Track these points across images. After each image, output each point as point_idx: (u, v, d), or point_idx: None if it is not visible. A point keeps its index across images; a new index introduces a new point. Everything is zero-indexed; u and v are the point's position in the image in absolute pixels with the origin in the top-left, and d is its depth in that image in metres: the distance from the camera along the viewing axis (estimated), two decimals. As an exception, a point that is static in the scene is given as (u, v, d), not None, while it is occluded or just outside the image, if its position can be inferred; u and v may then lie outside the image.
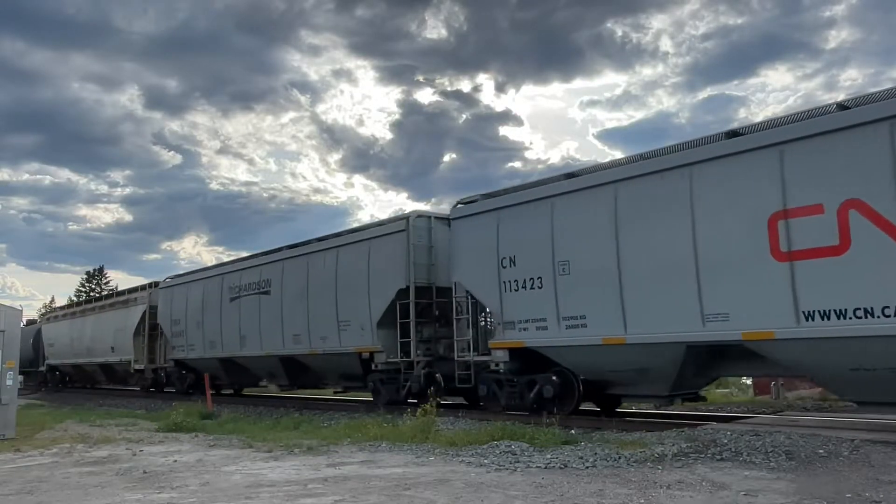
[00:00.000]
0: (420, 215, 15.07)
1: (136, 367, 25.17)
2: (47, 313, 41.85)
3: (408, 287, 14.33)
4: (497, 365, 12.54)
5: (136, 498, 6.53)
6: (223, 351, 20.35)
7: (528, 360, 12.11)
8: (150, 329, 24.75)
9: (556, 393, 11.61)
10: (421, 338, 14.56)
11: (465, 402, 15.56)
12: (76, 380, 33.50)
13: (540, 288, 11.62)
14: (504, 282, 12.22)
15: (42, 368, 34.73)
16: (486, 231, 12.63)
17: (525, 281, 11.89)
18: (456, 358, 13.57)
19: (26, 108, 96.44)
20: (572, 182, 11.58)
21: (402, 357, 14.53)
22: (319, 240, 17.55)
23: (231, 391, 23.84)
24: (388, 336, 14.77)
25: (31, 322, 62.16)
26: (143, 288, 26.26)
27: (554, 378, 11.69)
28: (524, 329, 11.90)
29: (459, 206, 13.72)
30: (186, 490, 6.83)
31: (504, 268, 12.24)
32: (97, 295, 29.88)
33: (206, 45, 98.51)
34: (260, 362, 19.19)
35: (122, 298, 27.45)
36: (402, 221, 14.83)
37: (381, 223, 16.01)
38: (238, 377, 21.30)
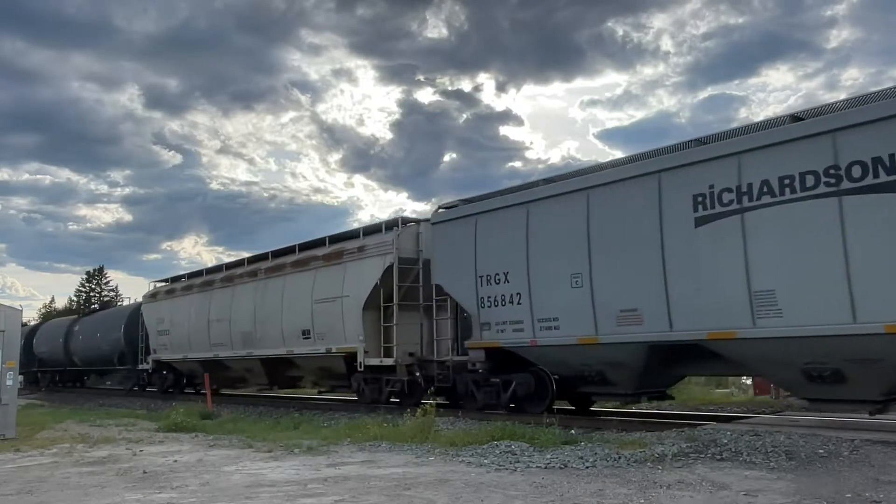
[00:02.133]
0: None
1: (371, 361, 14.76)
2: (156, 287, 25.02)
3: None
4: None
5: (136, 498, 6.53)
6: (672, 329, 9.86)
7: None
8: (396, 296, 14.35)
9: None
10: None
11: None
12: (202, 382, 20.40)
13: None
14: None
15: (145, 366, 24.09)
16: None
17: None
18: None
19: (26, 108, 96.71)
20: None
21: None
22: None
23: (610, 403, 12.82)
24: None
25: (103, 301, 48.11)
26: (371, 230, 15.63)
27: None
28: None
29: None
30: (186, 490, 6.83)
31: None
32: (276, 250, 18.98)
33: (207, 44, 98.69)
34: (830, 348, 8.42)
35: (324, 251, 16.49)
36: None
37: None
38: (662, 376, 11.19)
